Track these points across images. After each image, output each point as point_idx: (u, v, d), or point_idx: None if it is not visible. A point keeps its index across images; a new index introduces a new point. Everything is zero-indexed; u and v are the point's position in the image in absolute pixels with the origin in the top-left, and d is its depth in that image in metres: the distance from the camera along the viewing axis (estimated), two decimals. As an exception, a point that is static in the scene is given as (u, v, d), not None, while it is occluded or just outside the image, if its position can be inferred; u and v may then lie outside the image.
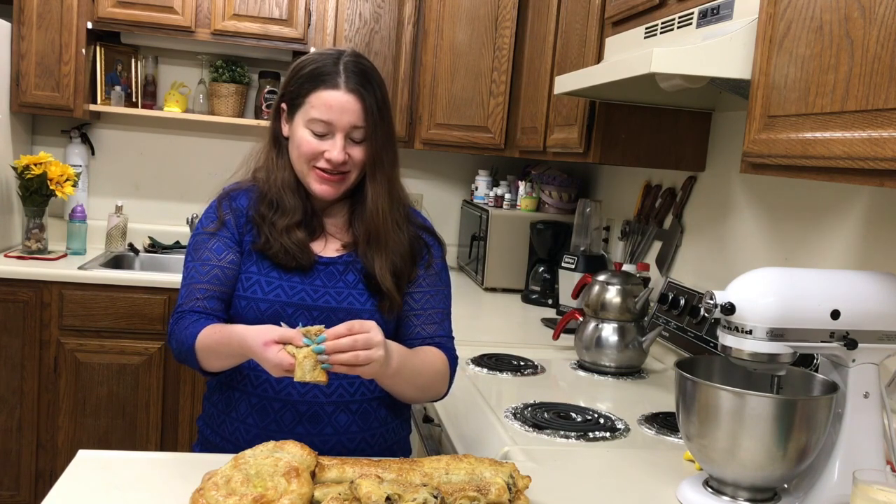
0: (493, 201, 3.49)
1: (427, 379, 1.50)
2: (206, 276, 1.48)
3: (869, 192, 1.68)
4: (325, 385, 1.38)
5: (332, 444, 1.47)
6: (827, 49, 1.20)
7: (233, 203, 1.54)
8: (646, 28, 1.86)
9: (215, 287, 1.47)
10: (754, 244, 2.09)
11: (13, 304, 2.96)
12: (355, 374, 1.32)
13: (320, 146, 1.47)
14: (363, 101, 1.46)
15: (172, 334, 1.47)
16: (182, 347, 1.43)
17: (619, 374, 2.20)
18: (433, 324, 1.55)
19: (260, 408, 1.47)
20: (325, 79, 1.46)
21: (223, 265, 1.48)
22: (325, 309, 1.48)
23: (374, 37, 3.40)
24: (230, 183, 1.59)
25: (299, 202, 1.51)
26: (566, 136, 2.51)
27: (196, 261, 1.50)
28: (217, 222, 1.52)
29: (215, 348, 1.38)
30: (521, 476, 1.23)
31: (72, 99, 3.26)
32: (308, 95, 1.47)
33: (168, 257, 3.53)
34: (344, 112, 1.45)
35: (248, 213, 1.52)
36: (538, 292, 3.19)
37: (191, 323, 1.43)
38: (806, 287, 1.26)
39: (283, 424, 1.46)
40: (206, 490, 1.14)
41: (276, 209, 1.50)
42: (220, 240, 1.50)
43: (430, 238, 1.62)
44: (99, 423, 3.04)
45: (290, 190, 1.51)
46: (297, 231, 1.49)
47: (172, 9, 3.26)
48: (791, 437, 1.23)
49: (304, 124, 1.48)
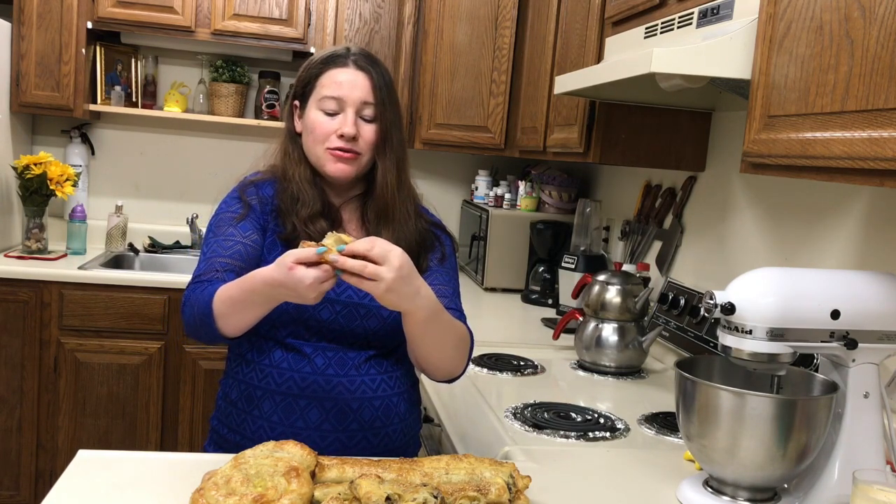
0: (493, 201, 3.49)
1: (454, 345, 1.46)
2: (229, 252, 1.45)
3: (869, 192, 1.68)
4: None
5: (358, 440, 1.47)
6: (827, 49, 1.20)
7: (259, 191, 1.55)
8: (646, 28, 1.86)
9: (236, 262, 1.44)
10: (754, 244, 2.09)
11: (13, 304, 2.96)
12: (364, 291, 1.26)
13: (332, 124, 1.50)
14: (372, 79, 1.51)
15: (187, 301, 1.41)
16: (196, 311, 1.38)
17: (619, 374, 2.20)
18: (444, 297, 1.51)
19: (285, 406, 1.46)
20: (336, 60, 1.53)
21: (247, 242, 1.47)
22: (347, 304, 1.48)
23: (374, 37, 3.40)
24: (249, 174, 1.60)
25: (317, 195, 1.53)
26: (566, 136, 2.51)
27: (219, 236, 1.48)
28: (244, 205, 1.52)
29: (238, 298, 1.32)
30: (521, 476, 1.23)
31: (72, 99, 3.26)
32: (319, 77, 1.53)
33: (168, 257, 3.53)
34: (354, 87, 1.50)
35: (275, 202, 1.53)
36: (538, 292, 3.19)
37: (207, 286, 1.39)
38: (806, 287, 1.26)
39: (309, 422, 1.45)
40: (206, 490, 1.14)
41: (297, 201, 1.52)
42: (247, 220, 1.50)
43: (441, 233, 1.62)
44: (99, 423, 3.04)
45: (308, 183, 1.53)
46: (320, 220, 1.51)
47: (172, 9, 3.26)
48: (791, 437, 1.23)
49: (316, 106, 1.51)
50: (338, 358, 1.48)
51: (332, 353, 1.48)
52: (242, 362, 1.51)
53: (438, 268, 1.57)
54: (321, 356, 1.47)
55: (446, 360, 1.48)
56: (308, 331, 1.47)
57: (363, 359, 1.49)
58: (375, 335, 1.50)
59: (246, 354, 1.50)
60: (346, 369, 1.48)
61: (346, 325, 1.47)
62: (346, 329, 1.48)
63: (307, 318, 1.46)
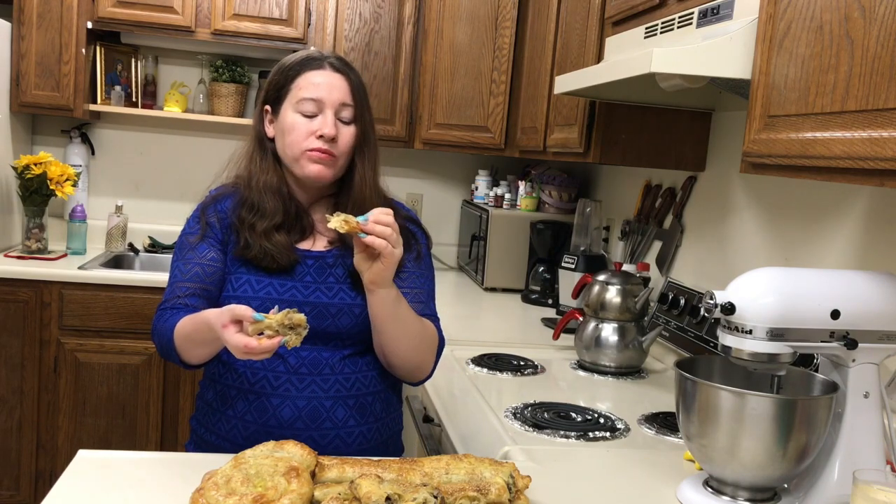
0: (493, 201, 3.49)
1: (419, 333, 1.50)
2: (188, 275, 1.49)
3: (869, 192, 1.68)
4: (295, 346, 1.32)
5: (331, 438, 1.47)
6: (827, 49, 1.20)
7: (217, 206, 1.56)
8: (646, 28, 1.86)
9: (196, 284, 1.48)
10: (754, 244, 2.09)
11: (13, 303, 2.96)
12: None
13: (310, 125, 1.50)
14: (350, 81, 1.53)
15: (154, 330, 1.49)
16: (162, 341, 1.45)
17: (619, 373, 2.20)
18: (419, 303, 1.56)
19: (258, 405, 1.47)
20: (311, 63, 1.54)
21: (204, 263, 1.50)
22: (316, 304, 1.49)
23: (374, 37, 3.40)
24: (214, 187, 1.62)
25: (280, 204, 1.53)
26: (566, 136, 2.51)
27: (179, 260, 1.53)
28: (202, 225, 1.54)
29: (192, 335, 1.38)
30: (521, 476, 1.23)
31: (72, 99, 3.26)
32: (295, 80, 1.53)
33: (168, 257, 3.51)
34: (333, 88, 1.50)
35: (231, 217, 1.54)
36: (538, 292, 3.19)
37: (169, 317, 1.45)
38: (806, 287, 1.26)
39: (282, 420, 1.46)
40: (206, 490, 1.14)
41: (255, 212, 1.51)
42: (204, 240, 1.52)
43: (415, 228, 1.63)
44: (99, 423, 3.04)
45: (270, 192, 1.53)
46: (276, 234, 1.50)
47: (172, 8, 3.26)
48: (791, 437, 1.23)
49: (292, 109, 1.51)
50: (312, 357, 1.48)
51: (306, 352, 1.48)
52: (219, 363, 1.52)
53: (414, 268, 1.58)
54: (295, 356, 1.48)
55: (413, 354, 1.51)
56: None
57: (338, 358, 1.50)
58: (349, 333, 1.51)
59: (222, 355, 1.50)
60: (320, 368, 1.48)
61: (317, 325, 1.47)
62: (319, 329, 1.47)
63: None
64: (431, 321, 1.57)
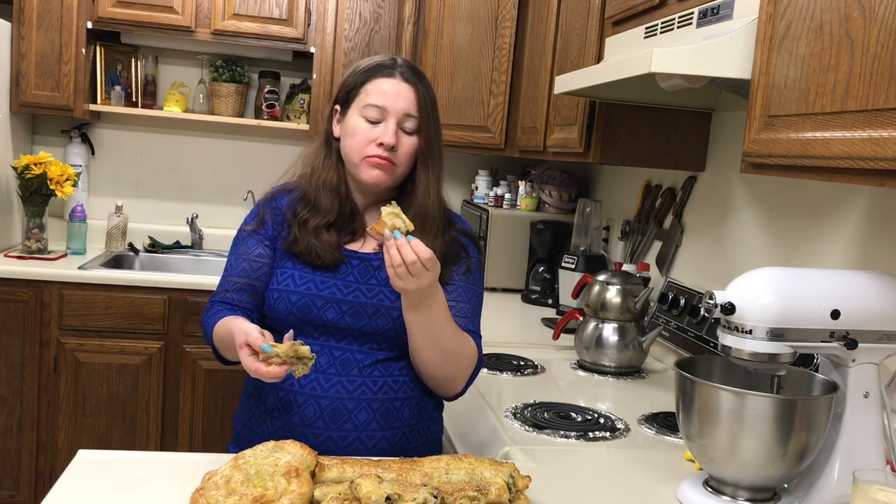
0: (493, 201, 3.49)
1: (455, 350, 1.47)
2: (237, 270, 1.55)
3: (869, 192, 1.68)
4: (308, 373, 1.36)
5: (351, 440, 1.46)
6: (827, 49, 1.20)
7: (274, 202, 1.60)
8: (646, 28, 1.86)
9: (243, 280, 1.53)
10: (754, 244, 2.09)
11: (13, 304, 2.96)
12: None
13: (372, 132, 1.50)
14: (417, 93, 1.53)
15: (202, 321, 1.55)
16: (205, 335, 1.52)
17: (619, 373, 2.20)
18: (464, 317, 1.53)
19: (286, 401, 1.48)
20: (382, 70, 1.54)
21: (251, 258, 1.54)
22: (354, 304, 1.49)
23: (374, 37, 3.40)
24: (278, 184, 1.64)
25: (336, 203, 1.54)
26: (566, 136, 2.51)
27: (232, 254, 1.59)
28: (257, 221, 1.58)
29: (224, 340, 1.43)
30: (521, 476, 1.23)
31: (72, 99, 3.26)
32: (364, 85, 1.53)
33: (168, 257, 3.52)
34: (398, 98, 1.51)
35: (285, 213, 1.56)
36: (538, 292, 3.19)
37: (214, 313, 1.50)
38: (806, 287, 1.26)
39: (304, 418, 1.46)
40: (206, 490, 1.14)
41: (311, 208, 1.54)
42: (255, 236, 1.56)
43: (468, 242, 1.62)
44: (99, 423, 3.04)
45: (328, 190, 1.55)
46: (325, 232, 1.52)
47: (172, 8, 3.26)
48: (791, 437, 1.23)
49: (358, 112, 1.52)
50: (343, 358, 1.48)
51: (338, 352, 1.48)
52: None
53: (462, 282, 1.56)
54: (327, 355, 1.48)
55: (442, 369, 1.48)
56: (316, 330, 1.49)
57: (370, 361, 1.49)
58: (385, 335, 1.50)
59: None
60: (349, 369, 1.48)
61: (352, 324, 1.48)
62: (354, 328, 1.48)
63: (312, 317, 1.48)
64: (472, 337, 1.54)
